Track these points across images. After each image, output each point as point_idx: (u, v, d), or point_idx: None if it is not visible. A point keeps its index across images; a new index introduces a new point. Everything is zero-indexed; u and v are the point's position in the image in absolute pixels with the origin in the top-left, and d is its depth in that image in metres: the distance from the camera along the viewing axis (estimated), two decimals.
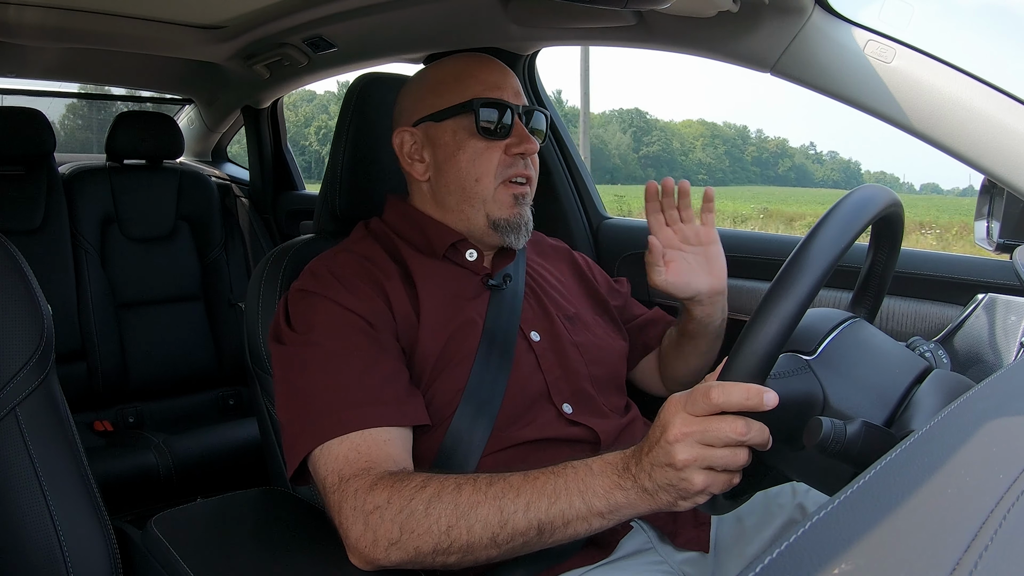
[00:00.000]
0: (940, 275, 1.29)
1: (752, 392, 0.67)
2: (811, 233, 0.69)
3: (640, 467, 0.74)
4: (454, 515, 0.78)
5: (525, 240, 1.09)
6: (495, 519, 0.77)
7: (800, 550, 0.37)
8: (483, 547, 0.78)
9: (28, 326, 0.87)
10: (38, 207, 2.22)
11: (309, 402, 0.91)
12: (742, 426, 0.68)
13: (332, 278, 1.00)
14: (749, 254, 1.54)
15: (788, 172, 56.71)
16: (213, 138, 2.94)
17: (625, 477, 0.75)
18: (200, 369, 2.41)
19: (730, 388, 0.68)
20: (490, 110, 1.04)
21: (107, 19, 1.73)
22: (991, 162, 1.03)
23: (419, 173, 1.10)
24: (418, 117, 1.09)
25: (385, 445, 0.88)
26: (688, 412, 0.71)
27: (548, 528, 0.77)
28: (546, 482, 0.78)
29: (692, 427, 0.70)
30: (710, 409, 0.69)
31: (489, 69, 1.09)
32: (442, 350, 0.99)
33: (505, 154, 1.05)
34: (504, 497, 0.78)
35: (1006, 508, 0.39)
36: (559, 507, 0.76)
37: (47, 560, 0.84)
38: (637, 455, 0.75)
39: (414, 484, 0.81)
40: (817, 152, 62.72)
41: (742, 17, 1.17)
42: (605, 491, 0.76)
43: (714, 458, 0.70)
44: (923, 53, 1.07)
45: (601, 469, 0.77)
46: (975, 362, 1.07)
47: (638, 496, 0.74)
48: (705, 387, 0.69)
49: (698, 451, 0.70)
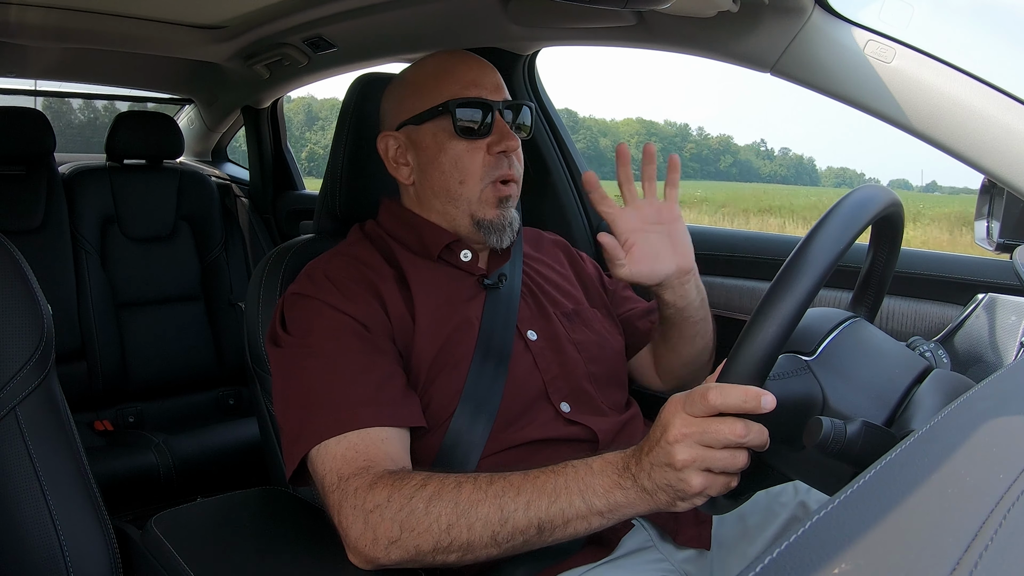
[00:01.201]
0: (940, 275, 1.29)
1: (750, 395, 0.67)
2: (811, 233, 0.69)
3: (640, 467, 0.74)
4: (454, 513, 0.78)
5: (510, 241, 1.08)
6: (495, 517, 0.77)
7: (800, 549, 0.37)
8: (483, 545, 0.78)
9: (28, 326, 0.87)
10: (38, 207, 2.21)
11: (306, 404, 0.91)
12: (741, 428, 0.68)
13: (327, 282, 1.00)
14: (749, 254, 1.54)
15: (730, 168, 57.83)
16: (213, 138, 2.94)
17: (625, 476, 0.75)
18: (200, 369, 2.41)
19: (728, 390, 0.68)
20: (468, 110, 1.03)
21: (107, 19, 1.73)
22: (991, 162, 1.03)
23: (404, 177, 1.10)
24: (399, 121, 1.08)
25: (383, 444, 0.88)
26: (687, 413, 0.71)
27: (548, 527, 0.77)
28: (546, 481, 0.78)
29: (691, 428, 0.70)
30: (708, 411, 0.69)
31: (466, 66, 1.07)
32: (438, 353, 0.99)
33: (488, 153, 1.04)
34: (504, 495, 0.78)
35: (1006, 508, 0.39)
36: (559, 506, 0.76)
37: (47, 560, 0.84)
38: (637, 455, 0.75)
39: (414, 483, 0.81)
40: (767, 149, 64.38)
41: (742, 17, 1.17)
42: (605, 490, 0.76)
43: (713, 460, 0.70)
44: (923, 53, 1.07)
45: (601, 468, 0.77)
46: (975, 362, 1.07)
47: (637, 496, 0.75)
48: (703, 389, 0.70)
49: (697, 452, 0.70)
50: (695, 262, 1.05)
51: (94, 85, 2.83)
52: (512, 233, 1.08)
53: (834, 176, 53.71)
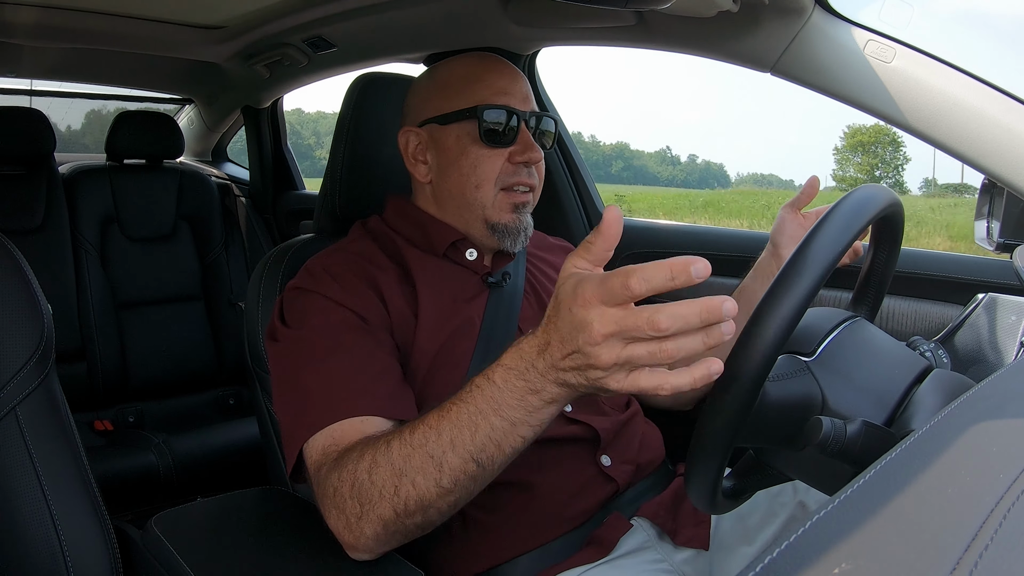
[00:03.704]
0: (940, 275, 1.29)
1: (677, 267, 0.58)
2: (811, 233, 0.69)
3: (551, 365, 0.66)
4: (393, 474, 0.76)
5: (523, 245, 1.09)
6: (430, 465, 0.74)
7: (800, 549, 0.37)
8: (436, 496, 0.75)
9: (28, 326, 0.87)
10: (38, 207, 2.22)
11: (303, 396, 0.90)
12: (664, 319, 0.58)
13: (327, 275, 0.99)
14: (749, 254, 1.54)
15: (622, 172, 60.68)
16: (213, 138, 2.94)
17: (531, 378, 0.68)
18: (200, 369, 2.41)
19: (651, 271, 0.59)
20: (496, 117, 1.02)
21: (107, 19, 1.73)
22: (991, 162, 1.03)
23: (421, 175, 1.09)
24: (424, 118, 1.08)
25: (361, 424, 0.86)
26: (605, 304, 0.61)
27: (484, 457, 0.73)
28: (459, 413, 0.73)
29: (614, 327, 0.60)
30: (629, 299, 0.60)
31: (498, 73, 1.06)
32: (439, 350, 0.99)
33: (508, 162, 1.04)
34: (428, 442, 0.74)
35: (1006, 508, 0.39)
36: (482, 433, 0.72)
37: (47, 560, 0.84)
38: (543, 351, 0.67)
39: (354, 455, 0.79)
40: (673, 155, 66.68)
41: (742, 17, 1.17)
42: (518, 400, 0.69)
43: (638, 358, 0.61)
44: (923, 53, 1.07)
45: (504, 379, 0.70)
46: (975, 362, 1.07)
47: (555, 393, 0.68)
48: (623, 272, 0.60)
49: (620, 352, 0.61)
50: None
51: (94, 85, 2.83)
52: (526, 238, 1.08)
53: (749, 180, 56.97)
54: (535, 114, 1.06)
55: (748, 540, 1.02)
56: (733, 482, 0.81)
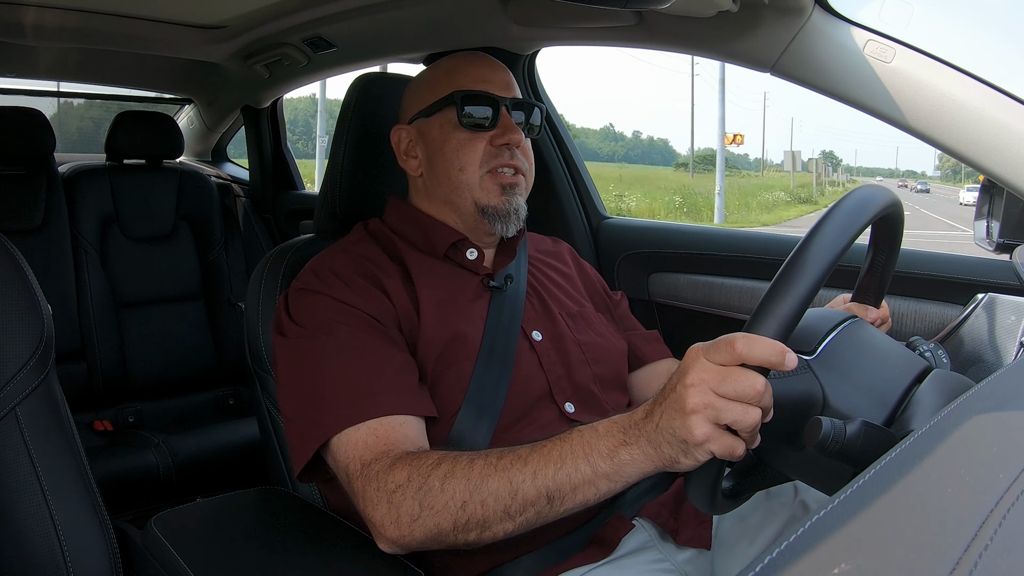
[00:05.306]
0: (940, 275, 1.29)
1: (777, 349, 0.66)
2: (811, 233, 0.69)
3: (649, 417, 0.73)
4: (467, 490, 0.79)
5: (516, 229, 1.09)
6: (505, 490, 0.78)
7: (800, 549, 0.37)
8: (498, 520, 0.79)
9: (28, 326, 0.87)
10: (38, 207, 2.21)
11: (321, 394, 0.91)
12: (761, 383, 0.66)
13: (334, 276, 1.00)
14: (749, 254, 1.54)
15: None
16: (213, 138, 2.94)
17: (630, 433, 0.74)
18: (200, 369, 2.41)
19: (756, 340, 0.66)
20: (474, 101, 1.06)
21: (107, 19, 1.73)
22: (991, 162, 1.03)
23: (413, 169, 1.12)
24: (411, 114, 1.12)
25: (402, 427, 0.89)
26: (708, 360, 0.69)
27: (557, 495, 0.77)
28: (552, 449, 0.78)
29: (709, 374, 0.68)
30: (732, 360, 0.67)
31: (478, 64, 1.11)
32: (442, 352, 0.99)
33: (490, 145, 1.06)
34: (512, 468, 0.78)
35: (1006, 508, 0.39)
36: (565, 472, 0.76)
37: (47, 560, 0.84)
38: (649, 405, 0.74)
39: (431, 461, 0.82)
40: (616, 132, 68.10)
41: (742, 17, 1.17)
42: (609, 451, 0.75)
43: (724, 409, 0.67)
44: (923, 53, 1.07)
45: (607, 430, 0.76)
46: (975, 362, 1.07)
47: (642, 452, 0.73)
48: (730, 337, 0.67)
49: (710, 399, 0.67)
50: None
51: (94, 85, 2.83)
52: (519, 221, 1.09)
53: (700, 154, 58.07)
54: (517, 102, 1.09)
55: (750, 540, 1.02)
56: (733, 482, 0.81)
